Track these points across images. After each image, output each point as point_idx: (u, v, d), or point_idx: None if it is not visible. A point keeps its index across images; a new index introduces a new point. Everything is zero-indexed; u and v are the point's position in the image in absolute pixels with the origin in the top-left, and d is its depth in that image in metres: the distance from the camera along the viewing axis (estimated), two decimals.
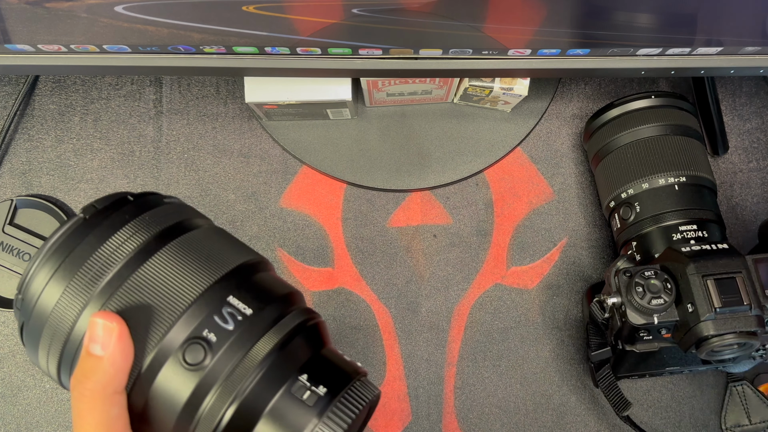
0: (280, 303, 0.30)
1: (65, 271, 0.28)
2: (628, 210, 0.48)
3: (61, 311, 0.28)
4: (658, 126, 0.49)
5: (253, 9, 0.39)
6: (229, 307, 0.28)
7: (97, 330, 0.26)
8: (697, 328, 0.41)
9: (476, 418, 0.53)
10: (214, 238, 0.31)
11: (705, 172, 0.48)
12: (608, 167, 0.51)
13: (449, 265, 0.56)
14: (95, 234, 0.28)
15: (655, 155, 0.48)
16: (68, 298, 0.27)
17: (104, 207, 0.30)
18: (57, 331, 0.28)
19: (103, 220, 0.29)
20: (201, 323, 0.27)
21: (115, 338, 0.26)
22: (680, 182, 0.47)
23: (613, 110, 0.51)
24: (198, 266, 0.29)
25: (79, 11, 0.38)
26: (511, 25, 0.41)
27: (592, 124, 0.52)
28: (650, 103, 0.50)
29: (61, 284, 0.28)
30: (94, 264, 0.28)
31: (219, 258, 0.30)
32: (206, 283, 0.28)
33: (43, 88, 0.58)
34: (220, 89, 0.58)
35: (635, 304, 0.42)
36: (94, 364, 0.27)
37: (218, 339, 0.27)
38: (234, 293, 0.29)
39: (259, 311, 0.28)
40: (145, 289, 0.28)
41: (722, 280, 0.41)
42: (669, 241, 0.46)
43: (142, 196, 0.31)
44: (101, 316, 0.27)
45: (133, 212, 0.30)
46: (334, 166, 0.56)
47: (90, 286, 0.27)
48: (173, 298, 0.27)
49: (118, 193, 0.31)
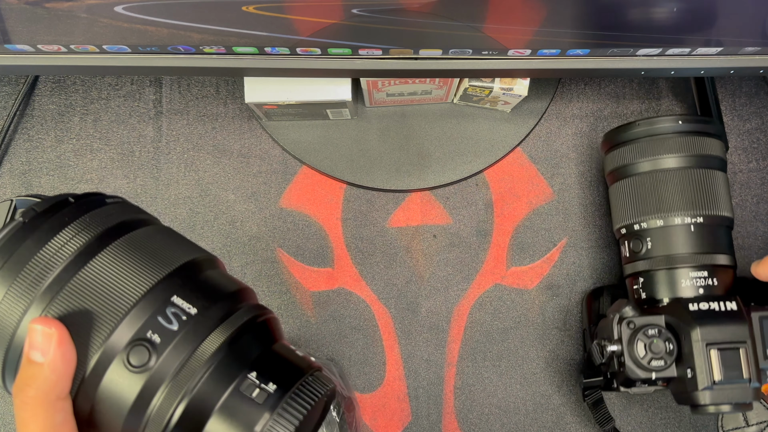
0: (227, 301, 0.29)
1: (4, 277, 0.27)
2: (638, 243, 0.47)
3: (1, 317, 0.27)
4: (681, 157, 0.46)
5: (252, 9, 0.39)
6: (173, 307, 0.28)
7: (36, 336, 0.26)
8: (693, 395, 0.41)
9: (476, 418, 0.54)
10: (157, 237, 0.31)
11: (724, 210, 0.46)
12: (624, 192, 0.48)
13: (449, 266, 0.56)
14: (34, 237, 0.28)
15: (674, 191, 0.46)
16: (8, 304, 0.27)
17: (44, 210, 0.29)
18: (1, 337, 0.27)
19: (42, 223, 0.28)
20: (144, 324, 0.27)
21: (54, 344, 0.26)
22: (696, 223, 0.45)
23: (637, 129, 0.48)
24: (140, 266, 0.28)
25: (78, 11, 0.38)
26: (511, 25, 0.41)
27: (613, 138, 0.49)
28: (676, 128, 0.47)
29: (2, 286, 0.27)
30: (33, 268, 0.27)
31: (162, 257, 0.29)
32: (149, 283, 0.28)
33: (42, 89, 0.58)
34: (220, 89, 0.58)
35: (635, 359, 0.42)
36: (34, 371, 0.26)
37: (162, 340, 0.27)
38: (178, 293, 0.28)
39: (204, 310, 0.28)
40: (87, 292, 0.27)
41: (726, 350, 0.41)
42: (677, 289, 0.45)
43: (83, 197, 0.31)
44: (39, 322, 0.26)
45: (73, 214, 0.29)
46: (334, 166, 0.56)
47: (30, 290, 0.27)
48: (115, 300, 0.27)
49: (59, 196, 0.31)
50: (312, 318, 0.55)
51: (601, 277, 0.56)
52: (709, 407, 0.41)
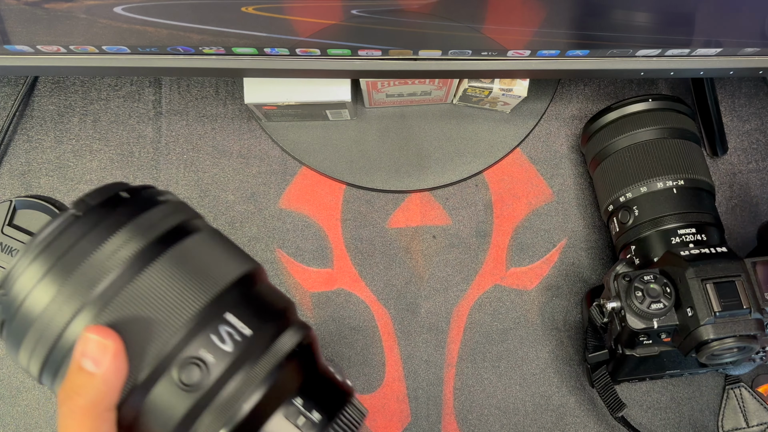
0: (277, 320, 0.29)
1: (57, 275, 0.26)
2: (626, 214, 0.48)
3: (50, 316, 0.26)
4: (656, 129, 0.49)
5: (252, 10, 0.39)
6: (228, 326, 0.27)
7: (90, 345, 0.25)
8: (696, 332, 0.41)
9: (475, 419, 0.53)
10: (211, 245, 0.30)
11: (703, 175, 0.48)
12: (606, 171, 0.51)
13: (448, 266, 0.56)
14: (89, 238, 0.27)
15: (653, 159, 0.48)
16: (59, 304, 0.26)
17: (97, 204, 0.28)
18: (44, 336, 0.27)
19: (97, 220, 0.28)
20: (198, 342, 0.26)
21: (110, 356, 0.25)
22: (678, 186, 0.47)
23: (611, 114, 0.51)
24: (196, 279, 0.27)
25: (78, 12, 0.38)
26: (511, 26, 0.41)
27: (590, 128, 0.52)
28: (648, 106, 0.50)
29: (51, 287, 0.26)
30: (87, 270, 0.26)
31: (217, 270, 0.28)
32: (205, 298, 0.27)
33: (42, 89, 0.58)
34: (220, 90, 0.58)
35: (635, 308, 0.42)
36: (85, 380, 0.26)
37: (215, 360, 0.26)
38: (232, 310, 0.27)
39: (257, 331, 0.27)
40: (141, 302, 0.26)
41: (721, 283, 0.41)
42: (668, 245, 0.46)
43: (137, 192, 0.30)
44: (96, 332, 0.26)
45: (129, 213, 0.28)
46: (334, 167, 0.56)
47: (83, 293, 0.26)
48: (170, 314, 0.26)
49: (111, 187, 0.30)
50: (311, 319, 0.55)
51: (601, 278, 0.56)
52: (713, 344, 0.41)
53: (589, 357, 0.49)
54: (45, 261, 0.27)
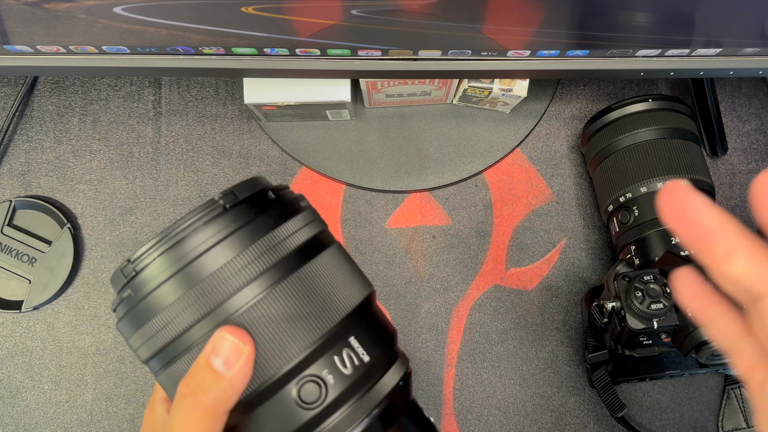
0: (390, 348, 0.29)
1: (192, 273, 0.26)
2: (626, 214, 0.48)
3: (176, 311, 0.26)
4: (656, 129, 0.49)
5: (252, 10, 0.39)
6: (350, 350, 0.27)
7: (224, 345, 0.25)
8: (696, 333, 0.41)
9: (475, 419, 0.53)
10: (340, 262, 0.30)
11: (703, 176, 0.48)
12: (606, 171, 0.51)
13: (448, 266, 0.56)
14: (231, 240, 0.26)
15: (653, 159, 0.48)
16: (188, 301, 0.26)
17: (245, 199, 0.28)
18: (166, 329, 0.26)
19: (244, 221, 0.27)
20: (322, 362, 0.26)
21: (243, 360, 0.25)
22: None
23: (611, 114, 0.51)
24: (327, 298, 0.27)
25: (77, 12, 0.38)
26: (511, 26, 0.41)
27: (590, 128, 0.52)
28: (648, 106, 0.50)
29: (185, 284, 0.26)
30: (223, 275, 0.26)
31: (346, 290, 0.28)
32: (334, 319, 0.27)
33: (42, 89, 0.58)
34: (219, 90, 0.58)
35: (635, 308, 0.42)
36: (213, 380, 0.25)
37: (335, 382, 0.26)
38: (355, 333, 0.27)
39: (374, 359, 0.28)
40: (272, 314, 0.26)
41: None
42: (668, 245, 0.46)
43: (281, 194, 0.30)
44: (233, 333, 0.25)
45: (275, 218, 0.28)
46: (333, 167, 0.56)
47: (213, 297, 0.26)
48: (300, 330, 0.26)
49: (258, 182, 0.29)
50: None
51: (601, 278, 0.56)
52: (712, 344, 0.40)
53: (589, 357, 0.49)
54: (183, 255, 0.26)
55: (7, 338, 0.54)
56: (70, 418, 0.53)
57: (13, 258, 0.53)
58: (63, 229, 0.54)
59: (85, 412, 0.53)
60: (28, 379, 0.53)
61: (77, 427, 0.53)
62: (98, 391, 0.53)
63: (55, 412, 0.53)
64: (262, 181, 0.30)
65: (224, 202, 0.28)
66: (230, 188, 0.28)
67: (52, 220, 0.54)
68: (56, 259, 0.53)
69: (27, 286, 0.53)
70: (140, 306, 0.27)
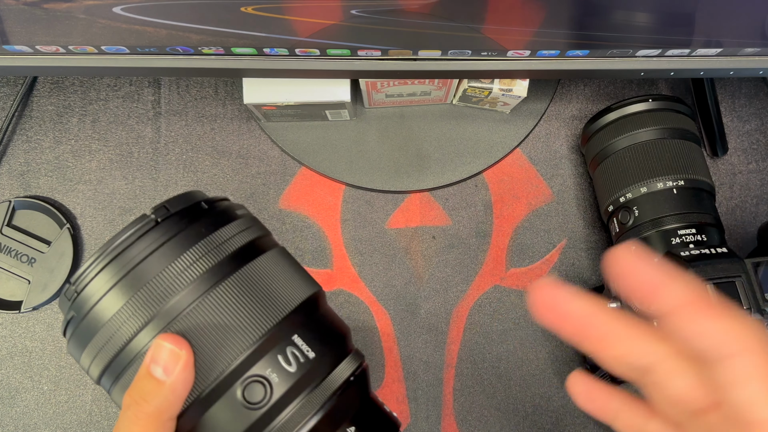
0: (338, 346, 0.29)
1: (131, 282, 0.26)
2: (626, 214, 0.48)
3: (119, 322, 0.26)
4: (656, 130, 0.49)
5: (251, 10, 0.39)
6: (294, 347, 0.27)
7: (162, 353, 0.26)
8: None
9: (475, 420, 0.53)
10: (281, 265, 0.30)
11: (703, 176, 0.48)
12: (606, 171, 0.51)
13: (448, 267, 0.55)
14: (165, 249, 0.27)
15: (653, 159, 0.48)
16: (130, 311, 0.26)
17: (177, 212, 0.28)
18: (111, 341, 0.27)
19: (176, 230, 0.27)
20: (265, 361, 0.26)
21: (180, 366, 0.26)
22: (678, 186, 0.47)
23: (611, 114, 0.51)
24: (267, 299, 0.27)
25: (77, 12, 0.38)
26: (510, 26, 0.41)
27: (590, 128, 0.52)
28: (648, 106, 0.50)
29: (124, 294, 0.26)
30: (162, 281, 0.26)
31: (287, 290, 0.28)
32: (275, 318, 0.27)
33: (41, 89, 0.57)
34: (219, 90, 0.58)
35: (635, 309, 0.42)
36: (154, 387, 0.26)
37: (279, 380, 0.26)
38: (299, 331, 0.27)
39: (320, 354, 0.28)
40: (212, 318, 0.26)
41: (722, 284, 0.41)
42: (668, 246, 0.46)
43: (214, 204, 0.30)
44: (169, 340, 0.26)
45: (207, 226, 0.28)
46: (333, 167, 0.56)
47: (155, 303, 0.26)
48: (241, 331, 0.26)
49: (191, 196, 0.29)
50: None
51: (601, 278, 0.56)
52: None
53: (589, 358, 0.49)
54: (119, 267, 0.27)
55: (7, 339, 0.54)
56: (70, 419, 0.53)
57: (13, 258, 0.53)
58: (62, 230, 0.54)
59: (85, 413, 0.53)
60: (28, 379, 0.53)
61: (76, 427, 0.53)
62: (97, 391, 0.53)
63: (55, 413, 0.53)
64: (196, 194, 0.30)
65: (156, 216, 0.28)
66: (162, 203, 0.29)
67: (52, 220, 0.54)
68: (55, 260, 0.53)
69: (26, 286, 0.53)
70: (84, 323, 0.27)
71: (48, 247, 0.53)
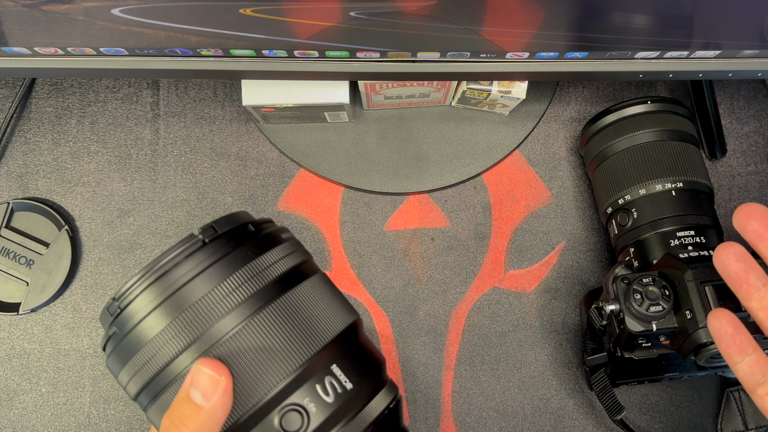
0: (375, 376, 0.29)
1: (175, 303, 0.26)
2: (625, 216, 0.48)
3: (161, 343, 0.26)
4: (655, 131, 0.49)
5: (250, 12, 0.38)
6: (332, 377, 0.27)
7: (202, 378, 0.26)
8: (695, 335, 0.41)
9: (474, 422, 0.53)
10: (322, 292, 0.30)
11: (702, 178, 0.48)
12: (605, 173, 0.51)
13: (447, 269, 0.55)
14: (212, 270, 0.27)
15: (652, 161, 0.48)
16: (172, 333, 0.26)
17: (224, 233, 0.28)
18: (152, 361, 0.27)
19: (223, 253, 0.27)
20: (304, 390, 0.26)
21: (220, 392, 0.26)
22: (677, 188, 0.47)
23: (609, 116, 0.51)
24: (308, 327, 0.27)
25: (75, 14, 0.38)
26: (509, 28, 0.41)
27: (589, 130, 0.52)
28: (646, 108, 0.50)
29: (167, 315, 0.26)
30: (205, 304, 0.26)
31: (327, 319, 0.28)
32: (315, 347, 0.27)
33: (39, 91, 0.57)
34: (218, 92, 0.58)
35: (633, 311, 0.42)
36: (192, 412, 0.26)
37: (317, 410, 0.26)
38: (338, 362, 0.28)
39: (357, 386, 0.28)
40: (253, 343, 0.26)
41: (720, 286, 0.41)
42: (667, 247, 0.46)
43: (261, 228, 0.30)
44: (208, 366, 0.26)
45: (253, 250, 0.28)
46: (332, 169, 0.56)
47: (197, 326, 0.26)
48: (281, 359, 0.26)
49: (238, 217, 0.30)
50: None
51: (600, 280, 0.56)
52: (711, 347, 0.40)
53: (588, 360, 0.49)
54: (165, 287, 0.27)
55: (5, 341, 0.54)
56: (68, 421, 0.53)
57: (11, 260, 0.53)
58: (61, 231, 0.54)
59: (83, 415, 0.53)
60: (26, 381, 0.53)
61: (75, 429, 0.52)
62: (96, 393, 0.53)
63: (53, 415, 0.53)
64: (242, 215, 0.30)
65: (204, 236, 0.28)
66: (210, 223, 0.29)
67: (50, 222, 0.54)
68: (54, 262, 0.53)
69: (24, 288, 0.53)
70: (126, 340, 0.27)
71: (46, 248, 0.53)
